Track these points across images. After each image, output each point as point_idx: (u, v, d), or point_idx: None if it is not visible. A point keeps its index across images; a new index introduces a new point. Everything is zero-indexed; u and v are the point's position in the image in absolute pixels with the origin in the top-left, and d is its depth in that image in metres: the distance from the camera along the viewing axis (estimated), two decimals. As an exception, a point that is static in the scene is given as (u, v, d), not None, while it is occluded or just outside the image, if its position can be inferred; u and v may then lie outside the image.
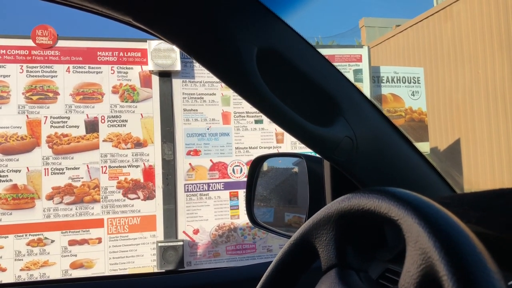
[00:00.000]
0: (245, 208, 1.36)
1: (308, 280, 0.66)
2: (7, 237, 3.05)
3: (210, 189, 3.43)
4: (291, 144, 3.60)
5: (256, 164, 1.41)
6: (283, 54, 0.80)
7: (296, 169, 1.38)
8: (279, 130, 3.55)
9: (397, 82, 4.27)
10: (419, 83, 4.36)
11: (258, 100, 0.81)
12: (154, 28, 0.77)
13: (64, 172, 3.17)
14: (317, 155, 1.21)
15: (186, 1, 0.73)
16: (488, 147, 6.26)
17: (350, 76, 3.87)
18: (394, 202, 0.45)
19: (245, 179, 3.55)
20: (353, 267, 0.56)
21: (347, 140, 0.85)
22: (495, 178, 6.06)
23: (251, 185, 1.38)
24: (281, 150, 3.56)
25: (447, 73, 6.93)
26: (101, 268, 3.17)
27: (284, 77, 0.82)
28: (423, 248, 0.39)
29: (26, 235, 3.08)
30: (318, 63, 0.85)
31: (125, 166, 3.26)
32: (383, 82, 4.22)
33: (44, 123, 3.17)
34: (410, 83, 4.31)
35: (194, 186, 3.41)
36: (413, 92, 4.33)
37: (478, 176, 6.29)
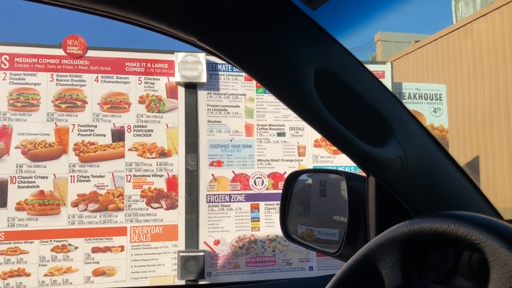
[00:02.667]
0: (279, 221, 1.36)
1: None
2: (33, 242, 3.10)
3: (231, 200, 3.46)
4: (312, 158, 3.62)
5: (291, 179, 1.41)
6: (339, 75, 0.82)
7: (309, 181, 1.38)
8: (301, 143, 3.58)
9: (419, 99, 4.27)
10: (441, 100, 4.35)
11: (314, 119, 0.83)
12: (217, 48, 0.80)
13: (89, 180, 3.22)
14: (357, 172, 1.22)
15: (249, 23, 0.76)
16: (507, 165, 6.19)
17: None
18: (474, 227, 0.47)
19: (266, 191, 3.58)
20: None
21: (398, 160, 0.87)
22: (515, 197, 5.98)
23: (285, 199, 1.39)
24: (302, 164, 3.58)
25: (466, 90, 6.90)
26: (123, 276, 3.20)
27: (339, 97, 0.84)
28: None
29: (50, 241, 3.13)
30: (371, 84, 0.87)
31: (149, 175, 3.31)
32: (405, 99, 4.22)
33: (72, 131, 3.24)
34: (432, 99, 4.30)
35: (216, 197, 3.43)
36: (435, 109, 4.32)
37: (497, 194, 6.22)
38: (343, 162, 3.52)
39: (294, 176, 1.37)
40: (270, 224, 3.48)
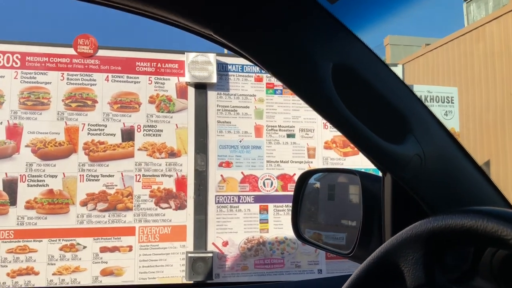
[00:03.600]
0: (290, 222, 1.34)
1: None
2: (41, 241, 3.10)
3: (240, 201, 3.44)
4: (322, 159, 3.59)
5: (303, 178, 1.39)
6: (358, 71, 0.80)
7: (317, 184, 1.37)
8: (311, 145, 3.56)
9: (430, 102, 4.23)
10: (453, 103, 4.31)
11: (332, 114, 0.82)
12: (234, 42, 0.78)
13: (99, 179, 3.22)
14: (371, 172, 1.20)
15: (266, 16, 0.74)
16: (519, 170, 6.12)
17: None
18: (504, 222, 0.45)
19: (275, 193, 3.56)
20: (442, 286, 0.56)
21: (416, 158, 0.85)
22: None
23: (298, 199, 1.37)
24: (312, 166, 3.55)
25: (477, 93, 6.84)
26: (131, 276, 3.19)
27: (357, 93, 0.82)
28: None
29: (59, 240, 3.13)
30: (390, 81, 0.86)
31: (159, 175, 3.30)
32: (416, 101, 4.18)
33: (82, 130, 3.24)
34: (443, 102, 4.26)
35: (225, 198, 3.42)
36: (446, 112, 4.28)
37: (508, 199, 6.14)
38: (353, 164, 3.49)
39: (307, 176, 1.35)
40: (279, 226, 3.46)
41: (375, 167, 0.92)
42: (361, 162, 3.50)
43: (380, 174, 0.96)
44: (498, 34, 6.57)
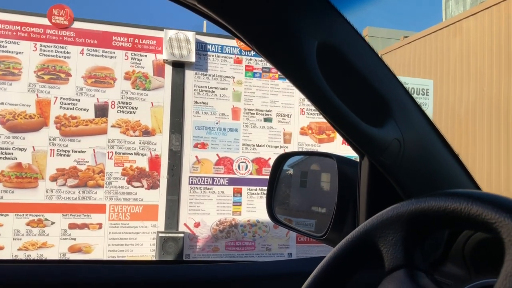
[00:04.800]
0: (264, 205, 1.34)
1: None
2: (7, 215, 3.02)
3: (214, 183, 3.42)
4: (298, 145, 3.60)
5: (280, 161, 1.39)
6: (342, 51, 0.79)
7: (291, 171, 1.37)
8: (287, 130, 3.55)
9: (406, 92, 4.28)
10: (428, 95, 4.38)
11: (314, 93, 0.80)
12: (218, 13, 0.76)
13: (70, 155, 3.14)
14: (348, 157, 1.20)
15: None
16: (487, 162, 6.29)
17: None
18: (489, 205, 0.45)
19: (250, 176, 3.55)
20: (421, 269, 0.56)
21: (395, 143, 0.85)
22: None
23: (273, 181, 1.36)
24: (287, 150, 3.56)
25: (452, 87, 6.97)
26: (99, 254, 3.15)
27: (340, 73, 0.81)
28: None
29: (26, 215, 3.05)
30: (374, 63, 0.85)
31: (132, 154, 3.25)
32: (393, 91, 4.23)
33: (54, 104, 3.15)
34: (419, 94, 4.32)
35: (199, 179, 3.39)
36: (421, 103, 4.34)
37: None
38: (327, 150, 3.51)
39: (284, 158, 1.34)
40: (252, 209, 3.46)
41: (348, 155, 0.91)
42: (335, 149, 3.54)
43: (357, 158, 0.95)
44: (474, 30, 6.68)
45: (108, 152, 3.21)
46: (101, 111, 3.22)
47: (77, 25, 3.24)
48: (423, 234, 0.55)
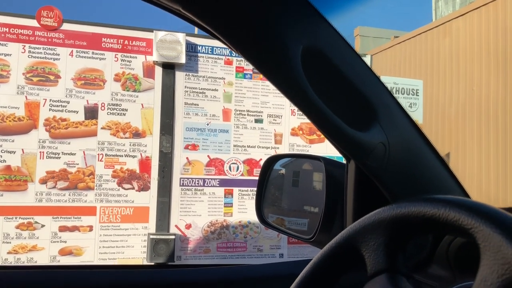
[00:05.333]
0: (254, 205, 1.34)
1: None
2: (-3, 218, 3.00)
3: (205, 184, 3.42)
4: (289, 146, 3.61)
5: (269, 163, 1.39)
6: (326, 55, 0.80)
7: (283, 171, 1.38)
8: (278, 131, 3.56)
9: (396, 93, 4.31)
10: (418, 95, 4.41)
11: (299, 98, 0.81)
12: (202, 18, 0.76)
13: (59, 157, 3.12)
14: (336, 159, 1.21)
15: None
16: (477, 163, 6.35)
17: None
18: (465, 211, 0.46)
19: (241, 177, 3.56)
20: (402, 273, 0.56)
21: (380, 146, 0.86)
22: (482, 193, 6.15)
23: (262, 184, 1.37)
24: (278, 151, 3.57)
25: (441, 88, 7.02)
26: (90, 257, 3.13)
27: (325, 78, 0.82)
28: (506, 258, 0.39)
29: (16, 218, 3.03)
30: (358, 68, 0.86)
31: (122, 156, 3.24)
32: (383, 92, 4.25)
33: (43, 106, 3.13)
34: (409, 94, 4.35)
35: (190, 181, 3.39)
36: (411, 104, 4.37)
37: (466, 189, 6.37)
38: (318, 151, 3.53)
39: (273, 160, 1.35)
40: (243, 210, 3.47)
41: (339, 155, 0.92)
42: (326, 150, 3.55)
43: (344, 161, 0.96)
44: (464, 31, 6.74)
45: (98, 154, 3.20)
46: (91, 113, 3.21)
47: (66, 26, 3.22)
48: (404, 239, 0.55)
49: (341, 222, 0.99)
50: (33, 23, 3.16)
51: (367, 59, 4.07)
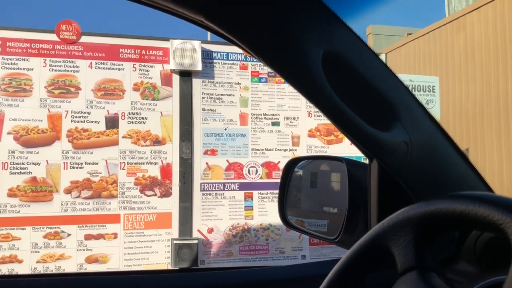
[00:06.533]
0: (275, 209, 1.36)
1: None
2: (25, 229, 3.08)
3: (225, 189, 3.46)
4: (306, 147, 3.62)
5: (290, 166, 1.41)
6: (346, 58, 0.82)
7: (300, 172, 1.39)
8: (296, 133, 3.58)
9: (412, 90, 4.28)
10: (434, 92, 4.38)
11: (321, 101, 0.83)
12: (225, 28, 0.79)
13: (83, 167, 3.20)
14: (357, 159, 1.22)
15: (257, 2, 0.75)
16: (497, 159, 6.26)
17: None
18: (495, 207, 0.47)
19: (260, 180, 3.57)
20: (433, 269, 0.58)
21: (403, 145, 0.87)
22: (503, 190, 6.06)
23: (284, 186, 1.38)
24: (296, 153, 3.58)
25: (458, 83, 6.95)
26: (116, 264, 3.19)
27: (346, 80, 0.84)
28: None
29: (43, 228, 3.11)
30: (378, 69, 0.87)
31: (143, 163, 3.29)
32: (399, 90, 4.23)
33: (65, 117, 3.20)
34: (425, 91, 4.33)
35: (210, 186, 3.43)
36: (427, 101, 4.34)
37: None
38: (336, 152, 3.53)
39: (294, 163, 1.36)
40: (263, 213, 3.49)
41: (358, 155, 0.93)
42: (344, 150, 3.56)
43: (364, 161, 0.97)
44: (478, 25, 6.66)
45: (120, 162, 3.26)
46: (112, 122, 3.27)
47: (84, 39, 3.30)
48: (433, 236, 0.57)
49: (364, 222, 0.99)
50: (53, 37, 3.24)
51: (381, 58, 4.06)
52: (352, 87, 0.84)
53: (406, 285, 0.56)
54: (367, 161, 0.96)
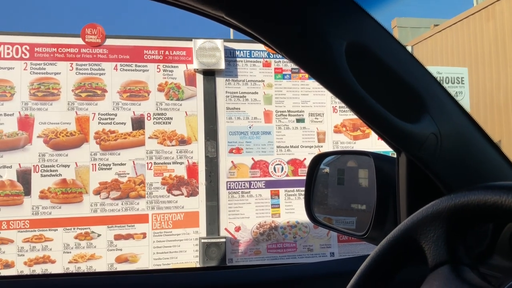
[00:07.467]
0: (302, 206, 1.34)
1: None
2: (57, 230, 3.15)
3: (251, 187, 3.45)
4: (332, 143, 3.58)
5: (316, 162, 1.39)
6: (371, 49, 0.79)
7: (327, 169, 1.36)
8: (321, 129, 3.55)
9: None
10: (463, 84, 4.27)
11: (347, 95, 0.81)
12: (246, 24, 0.78)
13: (111, 168, 3.25)
14: (384, 153, 1.19)
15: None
16: (531, 150, 6.06)
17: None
18: None
19: (286, 178, 3.56)
20: (465, 264, 0.55)
21: (432, 137, 0.84)
22: (539, 182, 5.86)
23: (310, 183, 1.36)
24: (322, 149, 3.55)
25: (487, 73, 6.76)
26: (145, 263, 3.23)
27: (371, 72, 0.81)
28: None
29: (74, 229, 3.17)
30: (404, 59, 0.85)
31: (170, 163, 3.32)
32: (426, 82, 4.14)
33: (92, 120, 3.26)
34: (454, 83, 4.22)
35: (236, 184, 3.43)
36: (456, 92, 4.24)
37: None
38: (364, 147, 3.48)
39: (320, 159, 1.34)
40: (290, 210, 3.47)
41: (385, 150, 0.91)
42: (371, 145, 3.50)
43: (392, 155, 0.95)
44: (509, 12, 6.46)
45: (147, 163, 3.30)
46: (138, 123, 3.32)
47: (109, 42, 3.35)
48: (464, 229, 0.54)
49: (394, 217, 0.97)
50: (79, 41, 3.30)
51: (408, 50, 3.98)
52: (378, 79, 0.82)
53: (438, 280, 0.54)
54: (395, 155, 0.93)
